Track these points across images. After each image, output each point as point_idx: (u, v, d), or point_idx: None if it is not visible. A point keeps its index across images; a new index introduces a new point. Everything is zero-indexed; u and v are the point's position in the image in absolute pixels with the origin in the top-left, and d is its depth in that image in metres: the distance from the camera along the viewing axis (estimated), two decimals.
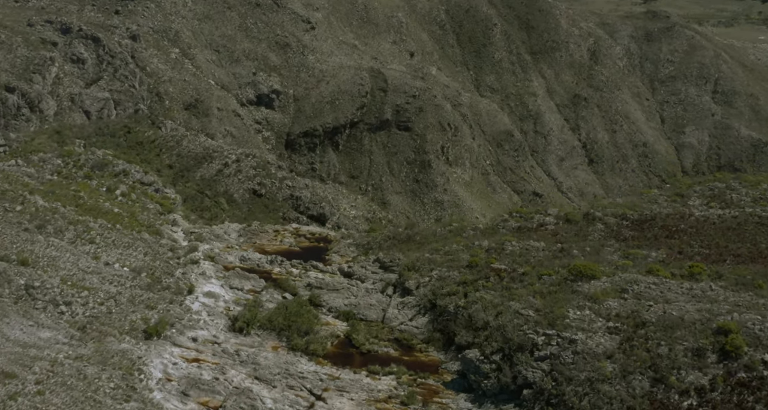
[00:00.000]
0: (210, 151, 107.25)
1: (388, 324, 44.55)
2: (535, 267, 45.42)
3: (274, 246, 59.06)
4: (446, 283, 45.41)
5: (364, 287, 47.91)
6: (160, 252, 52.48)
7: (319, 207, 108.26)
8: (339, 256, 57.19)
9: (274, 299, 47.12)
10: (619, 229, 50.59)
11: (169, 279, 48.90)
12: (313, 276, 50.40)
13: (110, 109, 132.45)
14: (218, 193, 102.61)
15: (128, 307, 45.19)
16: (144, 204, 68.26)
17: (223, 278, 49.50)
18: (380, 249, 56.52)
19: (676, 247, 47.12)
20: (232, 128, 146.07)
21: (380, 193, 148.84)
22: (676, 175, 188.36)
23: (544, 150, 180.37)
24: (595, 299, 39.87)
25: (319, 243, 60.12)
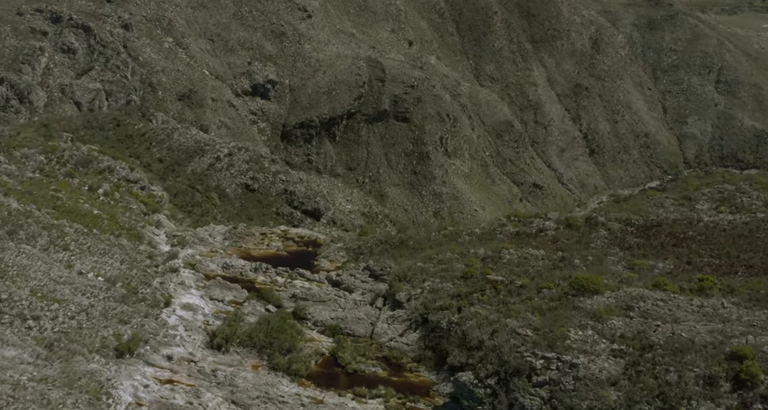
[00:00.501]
0: (201, 145, 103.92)
1: (377, 339, 41.53)
2: (534, 278, 42.33)
3: (260, 251, 55.96)
4: (439, 296, 42.33)
5: (352, 299, 44.86)
6: (137, 260, 49.38)
7: (314, 202, 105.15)
8: (328, 262, 54.10)
9: (256, 312, 44.07)
10: (624, 236, 47.49)
11: (145, 289, 45.83)
12: (299, 286, 47.33)
13: (101, 100, 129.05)
14: (210, 187, 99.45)
15: (100, 322, 42.13)
16: (127, 204, 65.05)
17: (204, 288, 46.43)
18: (371, 254, 53.41)
19: (684, 257, 44.04)
20: (227, 119, 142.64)
21: (378, 185, 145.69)
22: (678, 166, 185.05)
23: (544, 140, 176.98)
24: (599, 317, 36.79)
25: (308, 248, 56.97)
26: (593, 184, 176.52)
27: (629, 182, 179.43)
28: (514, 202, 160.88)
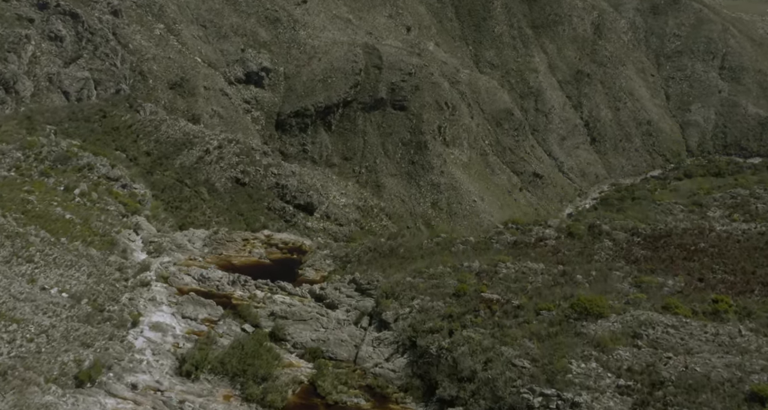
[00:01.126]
0: (190, 137, 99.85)
1: (361, 364, 37.87)
2: (533, 297, 38.59)
3: (242, 259, 52.22)
4: (429, 316, 38.60)
5: (336, 317, 41.15)
6: (106, 273, 45.62)
7: (307, 196, 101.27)
8: (313, 271, 50.37)
9: (231, 332, 40.40)
10: (630, 247, 43.70)
11: (113, 306, 42.15)
12: (279, 301, 43.60)
13: (90, 90, 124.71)
14: (198, 181, 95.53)
15: (61, 345, 38.50)
16: (105, 205, 61.21)
17: (176, 304, 42.73)
18: (359, 263, 49.68)
19: (696, 273, 40.29)
20: (220, 108, 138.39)
21: (374, 175, 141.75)
22: (680, 154, 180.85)
23: (545, 128, 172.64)
24: (603, 346, 33.06)
25: (293, 255, 53.21)
26: (594, 173, 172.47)
27: (631, 171, 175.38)
28: (514, 191, 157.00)
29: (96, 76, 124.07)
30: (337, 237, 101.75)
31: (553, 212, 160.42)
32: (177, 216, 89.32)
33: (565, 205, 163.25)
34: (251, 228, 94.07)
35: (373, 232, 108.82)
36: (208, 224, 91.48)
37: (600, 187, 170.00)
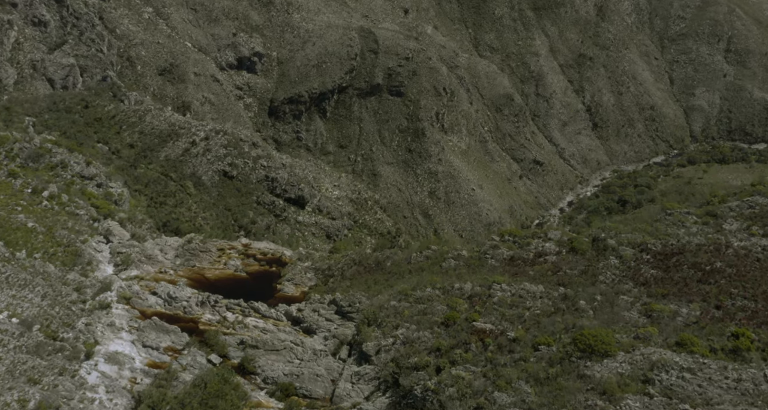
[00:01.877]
0: (176, 128, 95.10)
1: (338, 403, 33.64)
2: (530, 328, 34.21)
3: (216, 272, 47.83)
4: (414, 349, 34.26)
5: (312, 347, 36.82)
6: (63, 294, 41.26)
7: (298, 189, 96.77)
8: (293, 286, 45.99)
9: (196, 364, 36.13)
10: (638, 266, 39.23)
11: (67, 333, 37.86)
12: (251, 326, 39.29)
13: (76, 77, 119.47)
14: (184, 175, 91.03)
15: (5, 382, 34.26)
16: (75, 208, 56.69)
17: (137, 331, 38.42)
18: (342, 278, 45.28)
19: (713, 298, 35.88)
20: (211, 95, 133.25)
21: (370, 163, 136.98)
22: (684, 140, 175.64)
23: (545, 114, 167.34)
24: (610, 394, 28.71)
25: (271, 267, 48.77)
26: (596, 160, 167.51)
27: (633, 157, 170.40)
28: (514, 179, 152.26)
29: (82, 63, 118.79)
30: (329, 232, 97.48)
31: (553, 200, 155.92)
32: (161, 212, 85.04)
33: (565, 192, 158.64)
34: (238, 224, 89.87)
35: (368, 226, 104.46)
36: (194, 220, 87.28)
37: (602, 174, 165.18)
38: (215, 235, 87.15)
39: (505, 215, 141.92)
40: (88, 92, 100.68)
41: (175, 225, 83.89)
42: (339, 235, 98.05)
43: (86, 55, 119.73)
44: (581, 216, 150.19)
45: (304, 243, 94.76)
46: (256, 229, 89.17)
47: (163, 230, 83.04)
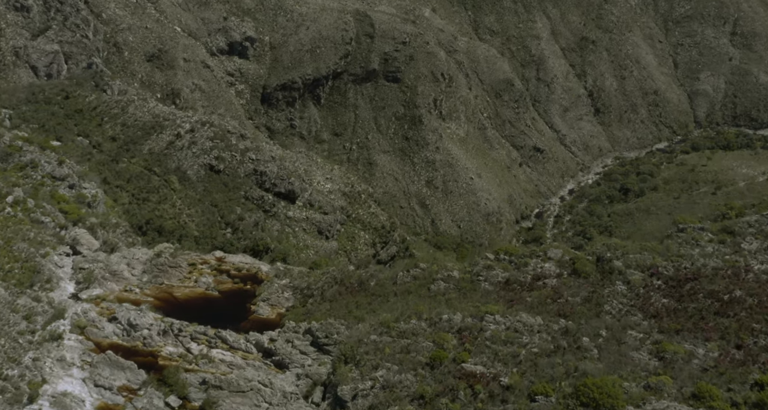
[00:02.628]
0: (160, 119, 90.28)
1: None
2: (526, 372, 29.92)
3: (186, 290, 43.50)
4: (394, 395, 30.04)
5: (282, 388, 32.58)
6: (10, 322, 36.98)
7: (288, 183, 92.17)
8: (268, 307, 41.73)
9: (152, 407, 31.94)
10: (648, 293, 34.91)
11: (12, 370, 33.61)
12: (217, 360, 35.05)
13: (60, 64, 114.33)
14: (169, 169, 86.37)
15: None
16: (41, 215, 52.21)
17: (90, 367, 34.19)
18: (322, 299, 40.99)
19: (732, 334, 31.63)
20: (201, 82, 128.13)
21: (366, 152, 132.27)
22: (688, 125, 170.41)
23: (546, 99, 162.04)
24: None
25: (246, 285, 44.41)
26: (598, 146, 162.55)
27: (636, 144, 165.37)
28: (513, 167, 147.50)
29: (66, 49, 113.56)
30: (321, 228, 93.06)
31: (554, 188, 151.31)
32: (143, 209, 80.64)
33: (566, 180, 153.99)
34: (225, 221, 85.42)
35: (361, 220, 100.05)
36: (178, 217, 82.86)
37: (603, 161, 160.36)
38: (201, 233, 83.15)
39: (505, 204, 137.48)
40: (69, 82, 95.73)
41: (158, 224, 79.62)
42: (331, 231, 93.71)
43: (71, 41, 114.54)
44: (582, 205, 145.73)
45: (294, 239, 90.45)
46: (244, 226, 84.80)
47: (146, 228, 78.81)
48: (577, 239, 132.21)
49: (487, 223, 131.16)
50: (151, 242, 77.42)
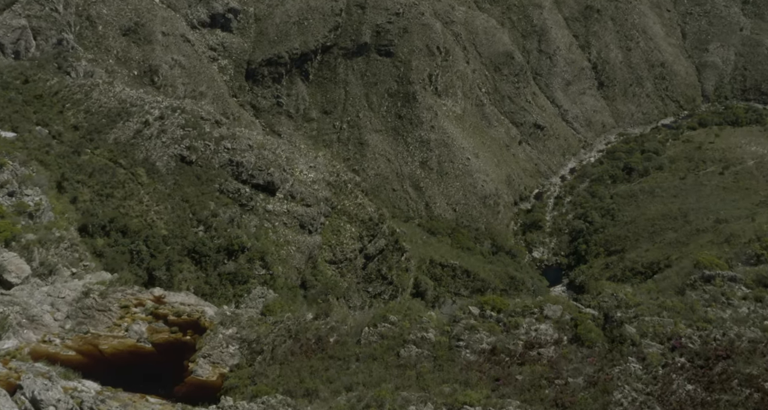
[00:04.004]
0: (127, 105, 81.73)
1: None
2: None
3: (114, 342, 36.08)
4: None
5: None
6: None
7: (267, 174, 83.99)
8: (209, 365, 34.30)
9: None
10: (669, 376, 27.39)
11: None
12: None
13: (28, 40, 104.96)
14: (136, 161, 78.13)
15: None
16: None
17: None
18: (273, 359, 33.50)
19: None
20: (181, 57, 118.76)
21: (357, 131, 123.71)
22: (695, 100, 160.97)
23: (548, 73, 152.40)
24: None
25: (185, 334, 36.86)
26: (601, 122, 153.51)
27: (641, 119, 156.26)
28: (513, 145, 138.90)
29: (35, 24, 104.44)
30: (303, 221, 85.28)
31: (554, 167, 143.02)
32: (107, 207, 72.76)
33: (567, 158, 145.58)
34: (197, 218, 77.53)
35: (347, 212, 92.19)
36: (146, 215, 75.00)
37: (606, 138, 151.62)
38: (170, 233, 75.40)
39: (503, 186, 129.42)
40: (29, 64, 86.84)
41: (122, 223, 71.88)
42: (315, 224, 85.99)
43: (39, 15, 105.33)
44: (583, 186, 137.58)
45: (274, 235, 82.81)
46: (218, 223, 77.05)
47: (109, 228, 71.10)
48: (577, 222, 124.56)
49: (484, 206, 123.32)
50: (113, 244, 69.97)
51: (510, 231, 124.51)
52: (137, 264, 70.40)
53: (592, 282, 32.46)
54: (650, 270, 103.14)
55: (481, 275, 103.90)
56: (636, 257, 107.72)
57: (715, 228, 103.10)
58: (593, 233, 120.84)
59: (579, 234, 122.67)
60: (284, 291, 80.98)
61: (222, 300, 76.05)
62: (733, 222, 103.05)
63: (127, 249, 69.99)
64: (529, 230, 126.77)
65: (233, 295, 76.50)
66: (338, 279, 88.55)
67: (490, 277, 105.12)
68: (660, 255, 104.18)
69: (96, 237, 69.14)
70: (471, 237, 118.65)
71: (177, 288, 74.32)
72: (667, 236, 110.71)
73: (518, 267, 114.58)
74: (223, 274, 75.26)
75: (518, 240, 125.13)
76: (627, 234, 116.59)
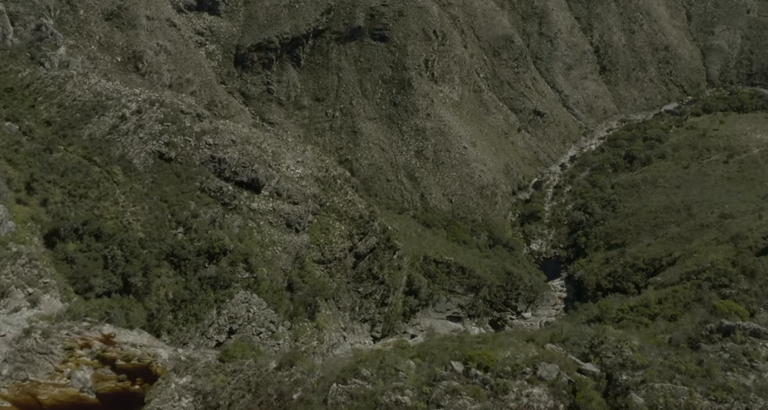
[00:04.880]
0: (102, 99, 76.51)
1: None
2: None
3: (54, 392, 31.88)
4: None
5: None
6: None
7: (251, 171, 79.10)
8: None
9: None
10: None
11: None
12: None
13: (5, 26, 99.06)
14: (112, 159, 73.08)
15: None
16: None
17: None
18: None
19: None
20: (167, 42, 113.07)
21: (350, 119, 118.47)
22: (699, 85, 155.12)
23: (549, 57, 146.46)
24: None
25: (134, 384, 32.47)
26: (603, 108, 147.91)
27: (644, 105, 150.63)
28: (511, 133, 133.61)
29: (12, 9, 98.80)
30: (290, 220, 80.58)
31: (554, 155, 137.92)
32: (80, 208, 68.04)
33: (568, 145, 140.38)
34: (176, 219, 72.78)
35: (336, 209, 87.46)
36: (121, 216, 70.24)
37: (608, 124, 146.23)
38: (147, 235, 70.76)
39: (500, 175, 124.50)
40: (1, 54, 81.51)
41: (96, 225, 67.20)
42: (302, 223, 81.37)
43: None
44: (584, 175, 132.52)
45: (259, 235, 78.26)
46: (198, 224, 72.41)
47: (82, 231, 66.48)
48: (577, 214, 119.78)
49: (481, 197, 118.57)
50: (86, 250, 65.28)
51: (508, 222, 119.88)
52: (111, 270, 65.83)
53: (595, 327, 28.24)
54: (651, 266, 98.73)
55: (476, 271, 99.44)
56: (637, 252, 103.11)
57: (720, 223, 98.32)
58: (593, 225, 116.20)
59: (579, 225, 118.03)
60: (269, 295, 76.68)
61: (203, 305, 71.78)
62: (738, 217, 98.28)
63: (101, 255, 65.46)
64: (527, 221, 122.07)
65: (214, 301, 72.18)
66: (327, 280, 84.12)
67: (486, 274, 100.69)
68: (662, 251, 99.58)
69: (68, 242, 64.51)
70: (467, 229, 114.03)
71: (154, 294, 70.07)
72: (669, 230, 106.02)
73: (515, 262, 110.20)
74: (204, 279, 70.81)
75: (516, 231, 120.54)
76: (628, 227, 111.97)
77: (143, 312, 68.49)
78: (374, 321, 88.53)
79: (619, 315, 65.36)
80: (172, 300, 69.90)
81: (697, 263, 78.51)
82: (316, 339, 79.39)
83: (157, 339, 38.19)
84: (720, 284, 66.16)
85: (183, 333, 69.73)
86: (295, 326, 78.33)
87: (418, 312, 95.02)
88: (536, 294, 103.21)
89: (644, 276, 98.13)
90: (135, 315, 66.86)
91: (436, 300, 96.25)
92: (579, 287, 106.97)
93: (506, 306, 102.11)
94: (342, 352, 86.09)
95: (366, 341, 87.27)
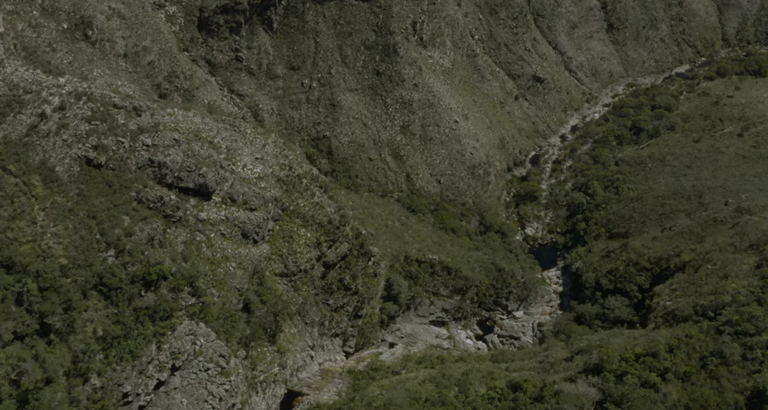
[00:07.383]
0: (20, 93, 62.65)
1: None
2: None
3: None
4: None
5: None
6: None
7: (198, 175, 66.10)
8: None
9: None
10: None
11: None
12: None
13: None
14: (30, 167, 59.98)
15: None
16: None
17: None
18: None
19: None
20: (120, 5, 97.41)
21: (329, 90, 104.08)
22: (714, 44, 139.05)
23: (551, 14, 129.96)
24: None
25: None
26: (608, 71, 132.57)
27: (653, 67, 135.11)
28: (508, 102, 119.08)
29: None
30: (246, 230, 68.03)
31: (554, 125, 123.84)
32: None
33: (569, 114, 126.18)
34: (106, 240, 60.15)
35: (302, 214, 74.73)
36: (40, 239, 57.76)
37: (614, 89, 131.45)
38: (71, 261, 58.56)
39: (495, 151, 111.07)
40: None
41: (7, 254, 55.00)
42: (261, 232, 69.02)
43: None
44: (586, 148, 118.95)
45: (209, 251, 66.07)
46: (133, 244, 60.10)
47: None
48: (577, 195, 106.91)
49: (473, 177, 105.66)
50: None
51: (501, 204, 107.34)
52: (26, 309, 54.19)
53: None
54: (657, 266, 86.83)
55: (463, 271, 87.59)
56: (641, 247, 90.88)
57: (736, 220, 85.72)
58: (594, 209, 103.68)
59: (578, 208, 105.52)
60: (219, 322, 65.07)
61: (139, 340, 60.24)
62: (756, 213, 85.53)
63: (11, 292, 53.60)
64: (522, 202, 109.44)
65: (153, 334, 60.63)
66: (291, 295, 71.93)
67: (474, 273, 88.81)
68: (669, 249, 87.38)
69: None
70: (457, 213, 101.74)
71: (80, 333, 58.49)
72: (678, 222, 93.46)
73: (508, 253, 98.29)
74: (140, 310, 59.06)
75: (510, 213, 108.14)
76: (632, 214, 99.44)
77: (67, 354, 57.25)
78: (347, 335, 77.42)
79: (622, 368, 54.06)
80: (102, 338, 58.66)
81: (715, 290, 66.47)
82: (277, 365, 68.20)
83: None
84: (743, 331, 54.58)
85: (117, 374, 58.52)
86: (252, 353, 66.97)
87: (398, 318, 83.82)
88: (529, 292, 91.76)
89: (649, 278, 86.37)
90: (54, 360, 55.62)
91: (418, 303, 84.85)
92: (576, 281, 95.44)
93: (496, 305, 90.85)
94: (309, 375, 75.44)
95: (337, 357, 76.31)
